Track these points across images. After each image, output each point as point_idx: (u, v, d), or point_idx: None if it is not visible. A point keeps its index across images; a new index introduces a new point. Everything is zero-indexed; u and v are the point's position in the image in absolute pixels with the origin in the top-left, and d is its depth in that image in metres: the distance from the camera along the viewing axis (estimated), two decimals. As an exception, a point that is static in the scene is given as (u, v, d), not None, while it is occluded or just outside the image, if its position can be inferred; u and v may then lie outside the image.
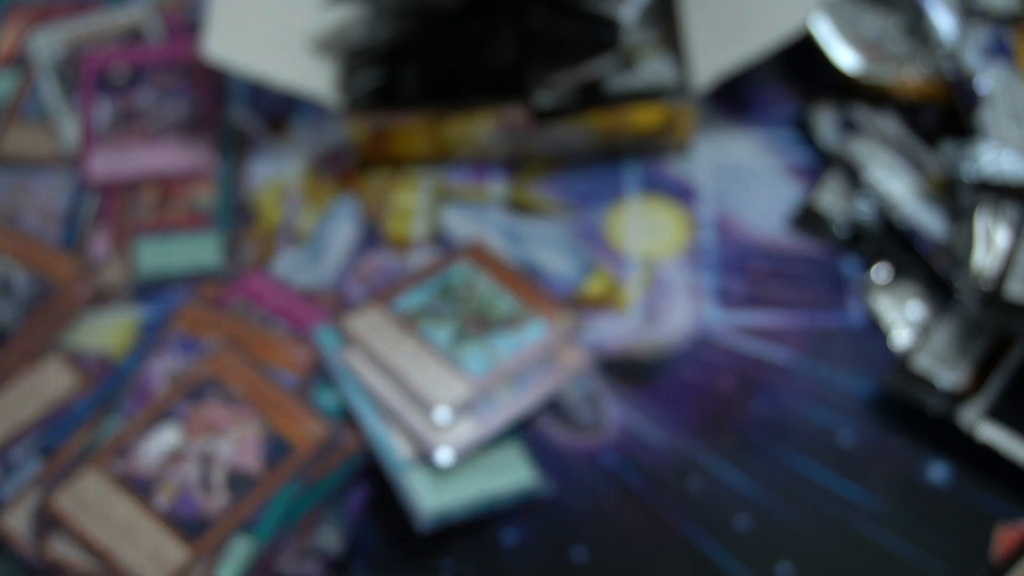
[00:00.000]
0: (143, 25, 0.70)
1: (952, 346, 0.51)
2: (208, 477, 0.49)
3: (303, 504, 0.48)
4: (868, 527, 0.48)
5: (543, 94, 0.60)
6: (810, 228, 0.58)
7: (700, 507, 0.49)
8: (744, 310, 0.55)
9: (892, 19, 0.65)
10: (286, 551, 0.48)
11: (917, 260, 0.55)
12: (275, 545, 0.48)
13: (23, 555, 0.47)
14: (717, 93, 0.64)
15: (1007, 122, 0.55)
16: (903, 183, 0.57)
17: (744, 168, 0.62)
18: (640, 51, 0.62)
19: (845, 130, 0.60)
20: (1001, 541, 0.47)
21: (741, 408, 0.52)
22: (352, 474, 0.50)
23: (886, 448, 0.50)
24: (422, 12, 0.59)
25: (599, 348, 0.54)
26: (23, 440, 0.51)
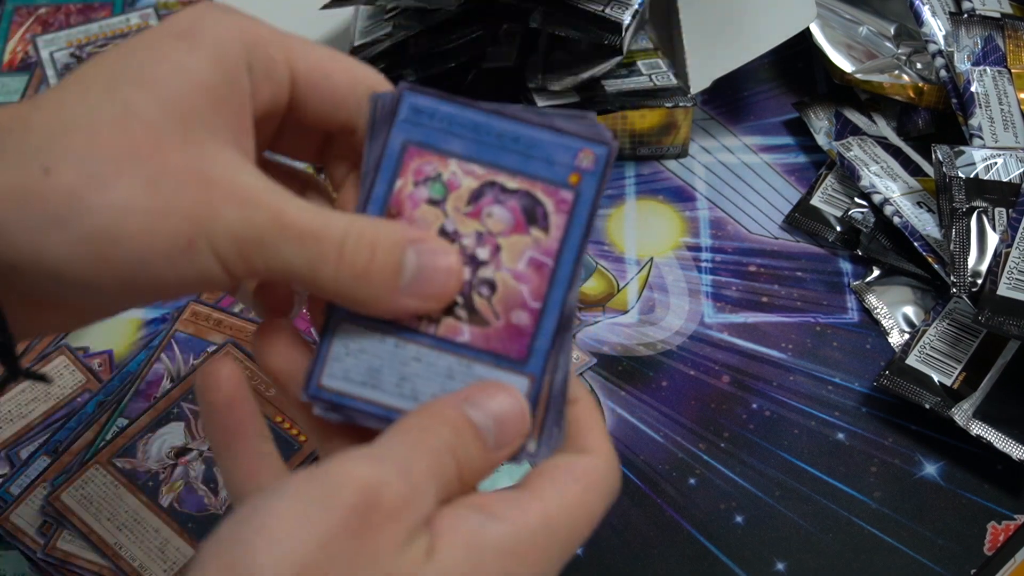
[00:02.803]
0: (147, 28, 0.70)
1: (946, 345, 0.51)
2: (212, 475, 0.49)
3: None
4: (863, 523, 0.48)
5: (543, 95, 0.60)
6: (806, 228, 0.59)
7: (697, 504, 0.49)
8: (741, 310, 0.56)
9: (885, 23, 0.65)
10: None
11: (911, 260, 0.55)
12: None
13: (30, 551, 0.48)
14: (715, 95, 0.64)
15: (999, 124, 0.55)
16: (897, 184, 0.57)
17: (741, 169, 0.62)
18: (639, 52, 0.62)
19: (840, 132, 0.61)
20: (993, 537, 0.47)
21: (738, 406, 0.52)
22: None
23: (881, 445, 0.50)
24: (422, 13, 0.59)
25: (598, 347, 0.54)
26: (30, 438, 0.51)
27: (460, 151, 0.31)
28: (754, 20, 0.60)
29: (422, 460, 0.27)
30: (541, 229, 0.31)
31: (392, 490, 0.26)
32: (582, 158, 0.31)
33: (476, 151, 0.31)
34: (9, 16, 0.72)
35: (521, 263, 0.31)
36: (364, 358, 0.31)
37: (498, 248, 0.31)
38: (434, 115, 0.31)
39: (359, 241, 0.28)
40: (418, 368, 0.30)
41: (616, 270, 0.58)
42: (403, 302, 0.29)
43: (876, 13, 0.66)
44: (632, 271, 0.58)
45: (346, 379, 0.31)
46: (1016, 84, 0.56)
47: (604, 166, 0.31)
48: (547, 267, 0.31)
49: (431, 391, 0.30)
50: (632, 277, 0.57)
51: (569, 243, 0.31)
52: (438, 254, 0.30)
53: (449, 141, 0.31)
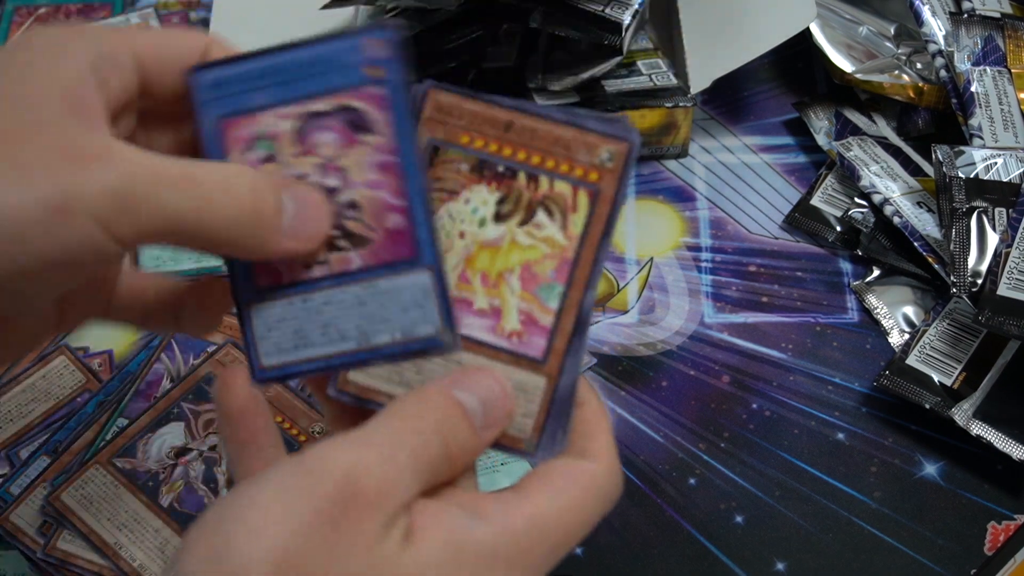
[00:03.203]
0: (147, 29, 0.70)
1: (946, 345, 0.51)
2: (213, 475, 0.49)
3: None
4: (863, 523, 0.48)
5: (543, 95, 0.60)
6: (806, 228, 0.59)
7: (697, 504, 0.49)
8: (741, 310, 0.56)
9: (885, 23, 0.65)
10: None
11: (911, 260, 0.55)
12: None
13: (30, 551, 0.48)
14: (715, 95, 0.64)
15: (999, 124, 0.55)
16: (897, 184, 0.57)
17: (741, 169, 0.62)
18: (639, 52, 0.62)
19: (840, 132, 0.61)
20: (993, 537, 0.47)
21: (738, 406, 0.52)
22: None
23: (881, 445, 0.50)
24: (422, 13, 0.59)
25: (598, 347, 0.55)
26: (30, 438, 0.51)
27: (266, 101, 0.31)
28: (754, 20, 0.60)
29: (407, 444, 0.28)
30: (370, 133, 0.31)
31: (372, 477, 0.26)
32: (374, 49, 0.31)
33: (279, 94, 0.31)
34: (9, 16, 0.72)
35: (369, 172, 0.31)
36: (285, 325, 0.31)
37: (342, 169, 0.31)
38: (230, 81, 0.31)
39: (239, 182, 0.29)
40: (332, 310, 0.31)
41: (616, 270, 0.58)
42: (285, 244, 0.30)
43: (876, 13, 0.66)
44: (632, 271, 0.58)
45: (280, 351, 0.31)
46: (1016, 84, 0.56)
47: (626, 162, 0.31)
48: (393, 163, 0.31)
49: (353, 324, 0.31)
50: (632, 277, 0.57)
51: (401, 131, 0.31)
52: (310, 194, 0.30)
53: (253, 97, 0.31)
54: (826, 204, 0.59)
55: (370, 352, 0.31)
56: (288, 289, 0.31)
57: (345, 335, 0.31)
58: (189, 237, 0.28)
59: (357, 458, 0.26)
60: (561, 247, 0.31)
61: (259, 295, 0.31)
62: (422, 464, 0.28)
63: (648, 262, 0.58)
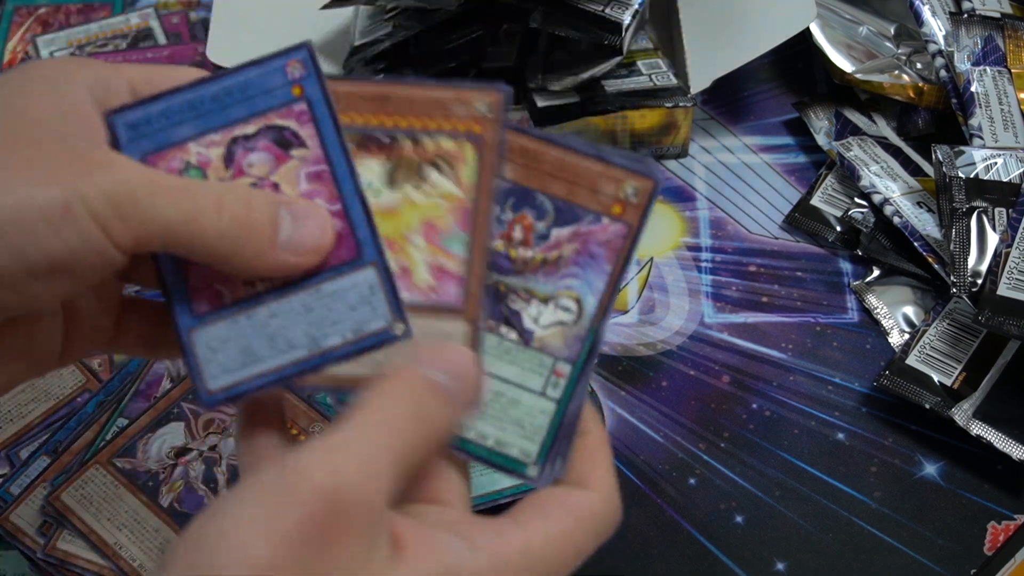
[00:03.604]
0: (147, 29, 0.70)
1: (946, 345, 0.51)
2: (212, 475, 0.49)
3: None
4: (863, 523, 0.48)
5: (543, 95, 0.60)
6: (806, 228, 0.59)
7: (697, 504, 0.49)
8: (741, 309, 0.56)
9: (885, 23, 0.65)
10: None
11: (911, 260, 0.55)
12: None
13: (30, 551, 0.48)
14: (715, 95, 0.64)
15: (999, 124, 0.55)
16: (897, 184, 0.57)
17: (741, 169, 0.62)
18: (639, 52, 0.62)
19: (840, 132, 0.61)
20: (993, 537, 0.47)
21: (738, 406, 0.52)
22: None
23: (881, 445, 0.50)
24: (422, 13, 0.59)
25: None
26: (30, 438, 0.51)
27: (191, 132, 0.32)
28: (754, 20, 0.60)
29: (383, 441, 0.28)
30: (299, 147, 0.32)
31: (352, 488, 0.26)
32: (291, 70, 0.32)
33: (204, 124, 0.32)
34: (9, 16, 0.72)
35: (302, 184, 0.32)
36: (230, 345, 0.31)
37: (277, 186, 0.32)
38: (150, 119, 0.32)
39: (235, 195, 0.29)
40: (278, 322, 0.31)
41: (616, 270, 0.58)
42: (282, 257, 0.30)
43: (876, 13, 0.66)
44: (632, 271, 0.58)
45: (227, 372, 0.31)
46: (1016, 84, 0.56)
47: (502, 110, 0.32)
48: (324, 172, 0.32)
49: (300, 332, 0.31)
50: (632, 277, 0.57)
51: (328, 140, 0.32)
52: (310, 209, 0.31)
53: (177, 131, 0.32)
54: (826, 204, 0.59)
55: (322, 356, 0.31)
56: (230, 309, 0.32)
57: (294, 344, 0.31)
58: (185, 246, 0.29)
59: (335, 469, 0.26)
60: (458, 198, 0.32)
61: (200, 319, 0.32)
62: (402, 457, 0.28)
63: (648, 262, 0.58)
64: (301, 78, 0.32)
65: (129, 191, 0.28)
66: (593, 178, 0.32)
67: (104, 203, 0.27)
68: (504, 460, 0.32)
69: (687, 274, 0.57)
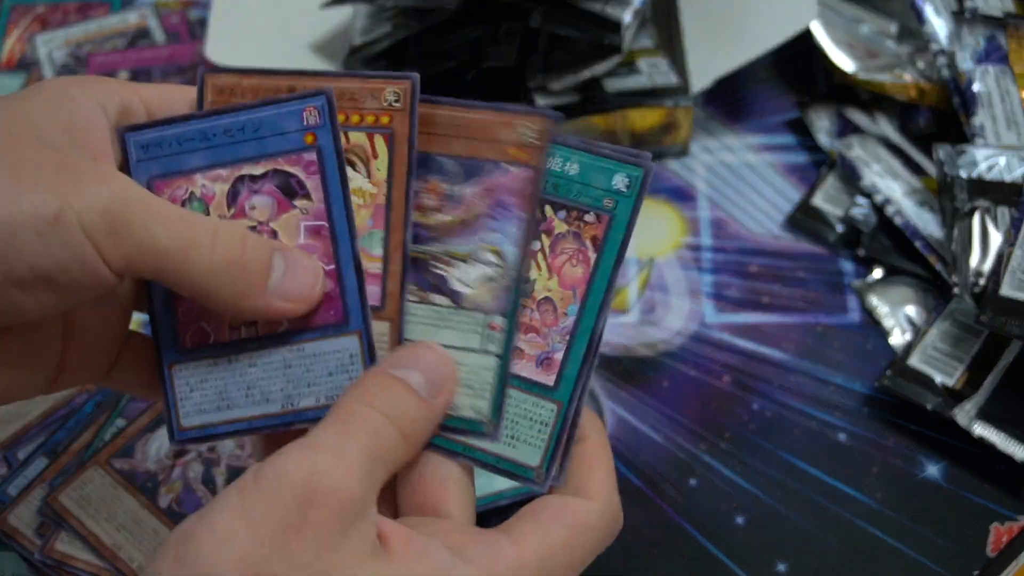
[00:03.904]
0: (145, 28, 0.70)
1: (948, 345, 0.51)
2: (211, 476, 0.49)
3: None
4: (864, 525, 0.48)
5: (543, 94, 0.60)
6: (807, 228, 0.58)
7: (698, 505, 0.49)
8: (742, 310, 0.56)
9: (887, 21, 0.65)
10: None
11: (913, 260, 0.55)
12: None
13: (28, 552, 0.47)
14: (715, 95, 0.64)
15: (1001, 123, 0.55)
16: (899, 184, 0.57)
17: (742, 169, 0.62)
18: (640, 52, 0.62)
19: (842, 131, 0.61)
20: (996, 538, 0.47)
21: (739, 407, 0.52)
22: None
23: (882, 446, 0.50)
24: (422, 12, 0.59)
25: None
26: (28, 438, 0.51)
27: (200, 163, 0.32)
28: (755, 19, 0.60)
29: (355, 438, 0.28)
30: (303, 198, 0.32)
31: (327, 478, 0.27)
32: (307, 116, 0.32)
33: (214, 157, 0.32)
34: (6, 14, 0.72)
35: (300, 236, 0.32)
36: (208, 386, 0.32)
37: (275, 233, 0.32)
38: (162, 143, 0.32)
39: (231, 233, 0.29)
40: (257, 372, 0.31)
41: (616, 270, 0.58)
42: (270, 300, 0.30)
43: (878, 12, 0.66)
44: (633, 271, 0.58)
45: (201, 412, 0.32)
46: (1019, 83, 0.56)
47: (412, 98, 0.32)
48: (324, 228, 0.32)
49: (278, 387, 0.31)
50: (632, 277, 0.57)
51: (333, 196, 0.32)
52: (303, 259, 0.31)
53: (187, 160, 0.32)
54: (827, 204, 0.59)
55: (294, 415, 0.31)
56: (213, 350, 0.32)
57: (270, 398, 0.31)
58: (174, 276, 0.29)
59: (307, 462, 0.27)
60: (371, 195, 0.32)
61: (182, 356, 0.32)
62: (376, 453, 0.28)
63: (648, 262, 0.58)
64: (316, 126, 0.32)
65: (124, 210, 0.27)
66: (488, 129, 0.32)
67: (97, 217, 0.27)
68: (459, 422, 0.32)
69: (688, 274, 0.57)
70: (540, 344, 0.32)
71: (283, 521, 0.26)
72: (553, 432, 0.32)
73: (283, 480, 0.26)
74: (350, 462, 0.27)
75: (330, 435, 0.28)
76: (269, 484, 0.27)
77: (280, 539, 0.26)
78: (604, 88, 0.60)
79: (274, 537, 0.26)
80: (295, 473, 0.27)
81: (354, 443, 0.28)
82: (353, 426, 0.28)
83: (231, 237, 0.29)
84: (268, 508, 0.26)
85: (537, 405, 0.32)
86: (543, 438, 0.32)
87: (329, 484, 0.27)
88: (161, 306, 0.32)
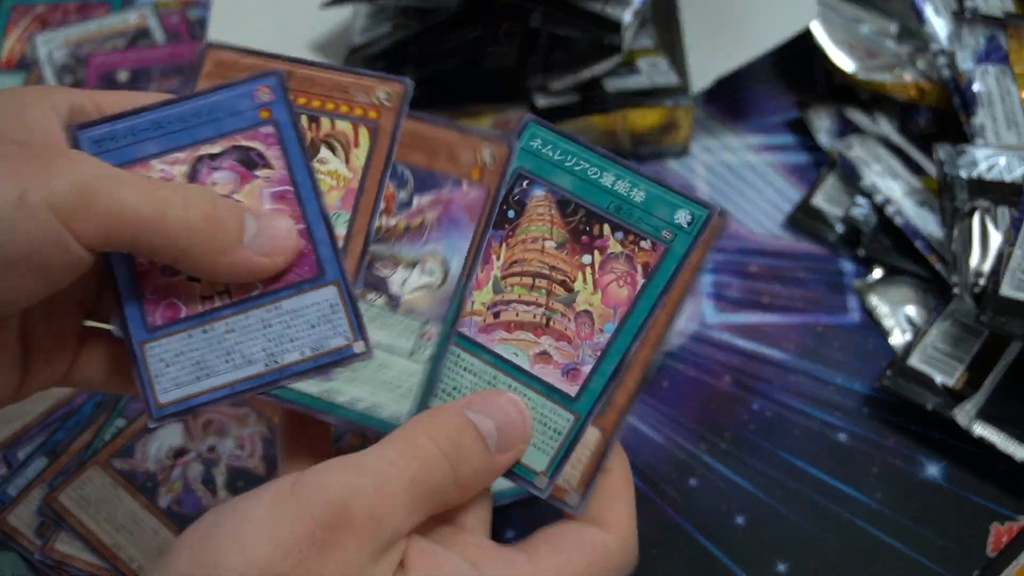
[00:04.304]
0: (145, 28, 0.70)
1: (948, 345, 0.51)
2: (211, 476, 0.49)
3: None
4: (864, 525, 0.48)
5: (543, 94, 0.60)
6: (807, 228, 0.58)
7: (698, 505, 0.49)
8: (742, 310, 0.56)
9: (887, 21, 0.65)
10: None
11: (913, 260, 0.55)
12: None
13: (28, 552, 0.47)
14: (716, 95, 0.64)
15: (1002, 123, 0.55)
16: (899, 184, 0.57)
17: (742, 169, 0.62)
18: (640, 52, 0.62)
19: (842, 131, 0.61)
20: (996, 538, 0.47)
21: (739, 407, 0.52)
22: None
23: (882, 446, 0.50)
24: (422, 12, 0.59)
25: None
26: (28, 438, 0.51)
27: (156, 150, 0.32)
28: (755, 19, 0.60)
29: (407, 470, 0.27)
30: (265, 167, 0.32)
31: (364, 503, 0.26)
32: (260, 95, 0.33)
33: (170, 142, 0.32)
34: (6, 15, 0.72)
35: (266, 203, 0.32)
36: (184, 359, 0.31)
37: (239, 203, 0.32)
38: (115, 136, 0.32)
39: (201, 193, 0.29)
40: (236, 336, 0.31)
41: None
42: (248, 255, 0.30)
43: (878, 12, 0.65)
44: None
45: (179, 385, 0.31)
46: (1019, 83, 0.56)
47: (402, 100, 0.33)
48: (288, 192, 0.32)
49: (258, 347, 0.31)
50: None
51: (294, 163, 0.32)
52: (275, 215, 0.31)
53: (142, 148, 0.32)
54: (827, 204, 0.59)
55: (279, 372, 0.31)
56: (186, 323, 0.32)
57: (251, 359, 0.31)
58: (150, 239, 0.28)
59: (349, 483, 0.26)
60: (346, 179, 0.33)
61: (153, 333, 0.32)
62: (423, 491, 0.28)
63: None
64: (270, 102, 0.33)
65: (92, 182, 0.27)
66: (451, 146, 0.33)
67: (65, 194, 0.27)
68: (377, 423, 0.32)
69: (688, 274, 0.57)
70: (570, 354, 0.32)
71: (310, 538, 0.25)
72: (565, 442, 0.32)
73: (321, 496, 0.26)
74: (393, 492, 0.27)
75: (381, 460, 0.27)
76: (305, 497, 0.26)
77: (303, 556, 0.25)
78: (604, 88, 0.60)
79: (298, 553, 0.25)
80: (334, 491, 0.26)
81: (403, 475, 0.27)
82: (408, 457, 0.28)
83: (202, 196, 0.29)
84: (298, 521, 0.25)
85: (555, 412, 0.32)
86: (553, 445, 0.32)
87: (366, 510, 0.26)
88: (126, 287, 0.32)
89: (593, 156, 0.33)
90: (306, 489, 0.26)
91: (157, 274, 0.32)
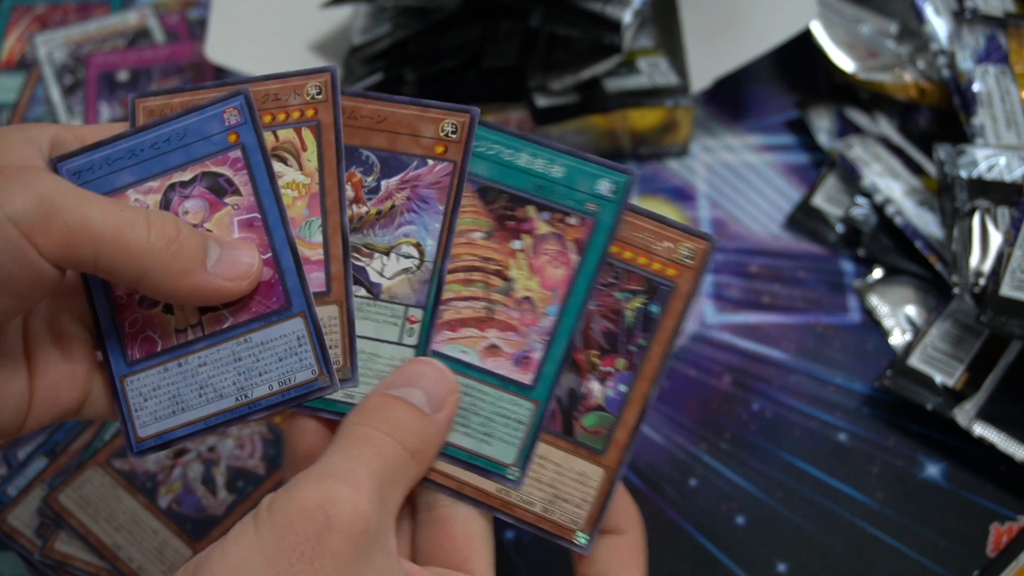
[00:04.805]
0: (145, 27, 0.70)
1: (948, 345, 0.51)
2: (211, 476, 0.49)
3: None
4: (864, 525, 0.48)
5: (543, 94, 0.60)
6: (807, 228, 0.58)
7: (698, 505, 0.49)
8: (742, 310, 0.56)
9: (887, 21, 0.65)
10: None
11: (913, 260, 0.55)
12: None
13: (27, 552, 0.47)
14: (716, 94, 0.64)
15: (1002, 123, 0.55)
16: (899, 184, 0.57)
17: (742, 169, 0.62)
18: (640, 51, 0.62)
19: (842, 131, 0.61)
20: (996, 538, 0.47)
21: (739, 407, 0.52)
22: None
23: (882, 446, 0.50)
24: (422, 12, 0.59)
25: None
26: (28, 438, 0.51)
27: (130, 179, 0.33)
28: (755, 19, 0.60)
29: (363, 460, 0.28)
30: (233, 194, 0.33)
31: (343, 505, 0.27)
32: (228, 117, 0.33)
33: (143, 171, 0.33)
34: (5, 15, 0.72)
35: (235, 231, 0.32)
36: (161, 393, 0.32)
37: (210, 232, 0.32)
38: (93, 167, 0.33)
39: (164, 217, 0.30)
40: (208, 371, 0.32)
41: (616, 270, 0.57)
42: (211, 279, 0.30)
43: (878, 12, 0.65)
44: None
45: (157, 420, 0.32)
46: (1019, 83, 0.56)
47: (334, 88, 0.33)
48: (256, 220, 0.32)
49: (230, 381, 0.32)
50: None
51: (261, 189, 0.33)
52: (236, 243, 0.31)
53: (117, 178, 0.33)
54: (827, 204, 0.59)
55: (249, 407, 0.31)
56: (162, 356, 0.32)
57: (223, 393, 0.32)
58: (111, 260, 0.28)
59: (322, 491, 0.27)
60: (304, 185, 0.33)
61: (132, 367, 0.32)
62: (387, 476, 0.28)
63: (649, 262, 0.58)
64: (237, 124, 0.33)
65: (55, 196, 0.27)
66: (412, 124, 0.33)
67: (26, 209, 0.27)
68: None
69: (688, 274, 0.57)
70: (518, 343, 0.32)
71: (298, 550, 0.26)
72: (530, 431, 0.32)
73: (297, 509, 0.26)
74: (362, 486, 0.27)
75: (339, 460, 0.28)
76: (283, 514, 0.27)
77: (296, 568, 0.26)
78: (604, 88, 0.60)
79: (290, 566, 0.26)
80: (309, 501, 0.27)
81: (363, 466, 0.28)
82: (359, 449, 0.28)
83: (165, 220, 0.30)
84: (283, 537, 0.26)
85: (514, 403, 0.32)
86: (518, 436, 0.32)
87: (344, 510, 0.27)
88: (107, 322, 0.32)
89: (505, 137, 0.33)
90: (282, 506, 0.27)
91: (134, 307, 0.32)
